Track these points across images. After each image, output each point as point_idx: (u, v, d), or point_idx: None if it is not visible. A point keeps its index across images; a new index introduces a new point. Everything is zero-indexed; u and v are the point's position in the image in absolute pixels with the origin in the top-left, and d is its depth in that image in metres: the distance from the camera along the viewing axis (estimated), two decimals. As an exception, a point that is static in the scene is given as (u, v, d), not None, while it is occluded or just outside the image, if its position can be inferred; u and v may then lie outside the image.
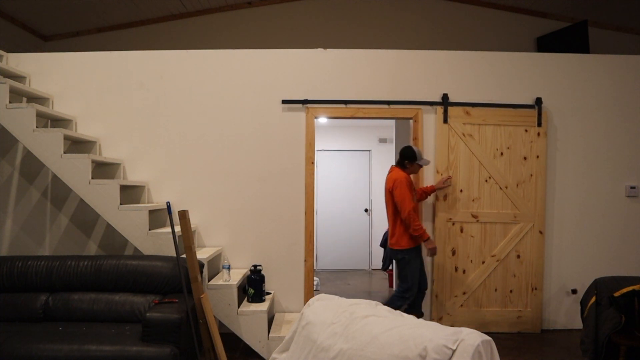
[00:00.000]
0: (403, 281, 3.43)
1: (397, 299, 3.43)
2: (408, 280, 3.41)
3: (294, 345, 2.36)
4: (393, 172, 3.49)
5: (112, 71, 3.87)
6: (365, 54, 3.93)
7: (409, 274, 3.41)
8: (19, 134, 3.26)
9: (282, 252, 3.87)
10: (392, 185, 3.38)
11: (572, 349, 3.47)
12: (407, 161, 3.49)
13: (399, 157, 3.55)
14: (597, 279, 2.91)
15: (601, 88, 4.00)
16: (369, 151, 7.05)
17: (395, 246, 3.43)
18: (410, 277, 3.40)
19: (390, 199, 3.43)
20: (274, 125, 3.88)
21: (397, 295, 3.45)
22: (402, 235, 3.40)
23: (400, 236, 3.41)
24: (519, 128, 3.89)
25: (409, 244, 3.40)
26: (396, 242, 3.43)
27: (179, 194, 3.85)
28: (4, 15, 4.67)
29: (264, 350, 3.23)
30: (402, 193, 3.32)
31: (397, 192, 3.34)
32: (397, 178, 3.38)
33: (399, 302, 3.42)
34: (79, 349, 2.48)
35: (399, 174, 3.43)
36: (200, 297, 2.80)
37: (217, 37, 5.39)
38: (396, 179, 3.38)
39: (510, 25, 5.50)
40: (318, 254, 6.93)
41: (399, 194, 3.33)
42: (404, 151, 3.52)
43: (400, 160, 3.53)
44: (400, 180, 3.36)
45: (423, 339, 1.78)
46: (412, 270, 3.41)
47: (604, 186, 3.99)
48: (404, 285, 3.42)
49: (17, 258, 3.15)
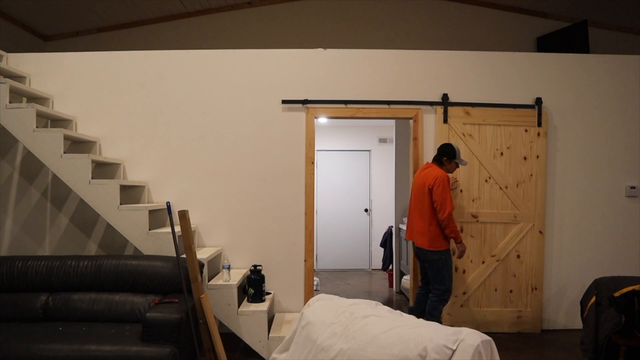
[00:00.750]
0: (441, 283, 3.29)
1: (438, 303, 3.30)
2: (446, 281, 3.29)
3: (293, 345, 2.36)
4: (431, 168, 3.33)
5: (112, 71, 3.87)
6: (366, 53, 3.93)
7: (447, 274, 3.30)
8: (19, 134, 3.26)
9: (282, 252, 3.87)
10: (434, 183, 3.19)
11: (572, 349, 3.47)
12: (445, 158, 3.36)
13: (437, 154, 3.42)
14: (597, 279, 2.91)
15: (601, 88, 4.00)
16: (369, 151, 7.06)
17: (431, 247, 3.26)
18: (447, 278, 3.30)
19: (426, 196, 3.26)
20: (274, 125, 3.88)
21: (437, 299, 3.30)
22: (438, 236, 3.26)
23: (436, 237, 3.26)
24: (519, 128, 3.89)
25: (445, 245, 3.28)
26: (431, 243, 3.26)
27: (179, 194, 3.85)
28: (4, 15, 4.67)
29: (264, 350, 3.23)
30: (444, 193, 3.17)
31: (438, 191, 3.17)
32: (439, 175, 3.20)
33: (441, 306, 3.30)
34: (79, 349, 2.48)
35: (439, 171, 3.26)
36: (200, 297, 2.80)
37: (217, 37, 5.39)
38: (437, 177, 3.20)
39: (510, 25, 5.50)
40: (318, 254, 6.93)
41: (440, 193, 3.17)
42: (443, 148, 3.37)
43: (438, 157, 3.39)
44: (443, 178, 3.20)
45: (423, 339, 1.78)
46: (450, 270, 3.31)
47: (603, 186, 3.99)
48: (442, 286, 3.29)
49: (17, 258, 3.16)
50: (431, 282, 3.36)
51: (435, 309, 3.30)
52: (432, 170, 3.31)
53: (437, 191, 3.18)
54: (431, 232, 3.26)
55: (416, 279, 3.89)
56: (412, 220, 3.45)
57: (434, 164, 3.42)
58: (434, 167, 3.37)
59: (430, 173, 3.29)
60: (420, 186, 3.34)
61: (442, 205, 3.18)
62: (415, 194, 3.41)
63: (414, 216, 3.40)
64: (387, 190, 6.96)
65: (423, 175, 3.36)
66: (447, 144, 3.40)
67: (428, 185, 3.24)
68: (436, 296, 3.32)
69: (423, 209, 3.29)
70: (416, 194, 3.38)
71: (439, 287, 3.31)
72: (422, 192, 3.29)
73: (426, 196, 3.26)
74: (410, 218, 3.48)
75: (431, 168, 3.36)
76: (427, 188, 3.25)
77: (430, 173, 3.29)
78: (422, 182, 3.31)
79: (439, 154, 3.42)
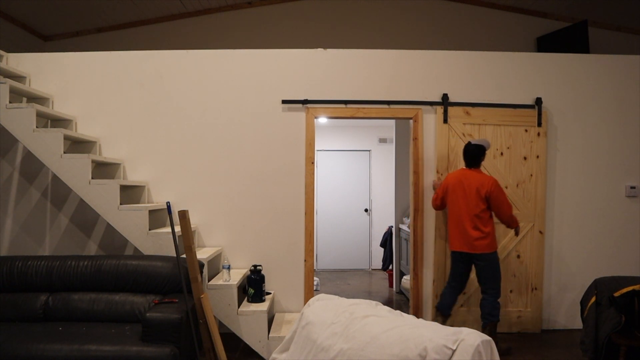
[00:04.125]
0: (497, 281, 3.35)
1: (498, 303, 3.35)
2: (499, 279, 3.37)
3: (294, 345, 2.36)
4: (477, 175, 3.36)
5: (112, 71, 3.87)
6: (366, 54, 3.93)
7: (499, 273, 3.38)
8: (19, 134, 3.26)
9: (282, 252, 3.87)
10: (490, 189, 3.27)
11: (572, 349, 3.47)
12: (482, 157, 3.43)
13: (474, 159, 3.40)
14: (597, 279, 2.91)
15: (601, 88, 4.00)
16: (369, 151, 7.06)
17: (491, 249, 3.31)
18: (499, 276, 3.38)
19: (482, 202, 3.30)
20: (274, 125, 3.88)
21: (495, 298, 3.34)
22: (494, 237, 3.35)
23: (493, 238, 3.33)
24: (518, 128, 3.89)
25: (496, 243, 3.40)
26: (490, 245, 3.30)
27: (179, 194, 3.85)
28: (4, 15, 4.67)
29: (264, 350, 3.23)
30: (503, 194, 3.31)
31: (498, 195, 3.28)
32: (493, 181, 3.30)
33: (499, 305, 3.36)
34: (79, 349, 2.48)
35: (488, 176, 3.35)
36: (200, 297, 2.80)
37: (217, 37, 5.39)
38: (493, 182, 3.29)
39: (510, 25, 5.50)
40: (318, 254, 6.93)
41: (500, 196, 3.28)
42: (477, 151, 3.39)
43: (477, 161, 3.41)
44: (497, 183, 3.32)
45: (423, 339, 1.78)
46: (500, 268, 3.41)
47: (603, 186, 4.00)
48: (498, 284, 3.36)
49: (17, 258, 3.15)
50: (486, 284, 3.37)
51: (496, 308, 3.33)
52: (480, 177, 3.34)
53: (498, 195, 3.29)
54: (490, 235, 3.32)
55: (417, 279, 3.89)
56: (461, 229, 3.36)
57: (475, 168, 3.43)
58: (478, 172, 3.39)
59: (480, 180, 3.32)
60: (472, 194, 3.32)
61: (504, 207, 3.30)
62: (465, 203, 3.34)
63: (466, 226, 3.34)
64: (387, 190, 6.96)
65: (473, 183, 3.33)
66: (475, 147, 3.40)
67: (485, 192, 3.29)
68: (493, 296, 3.35)
69: (480, 214, 3.31)
70: (467, 203, 3.33)
71: (495, 287, 3.36)
72: (478, 199, 3.31)
73: (483, 202, 3.31)
74: (459, 227, 3.38)
75: (476, 174, 3.37)
76: (483, 195, 3.30)
77: (481, 180, 3.32)
78: (475, 191, 3.31)
79: (476, 158, 3.40)
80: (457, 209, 3.38)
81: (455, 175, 3.45)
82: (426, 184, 3.90)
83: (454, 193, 3.41)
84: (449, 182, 3.46)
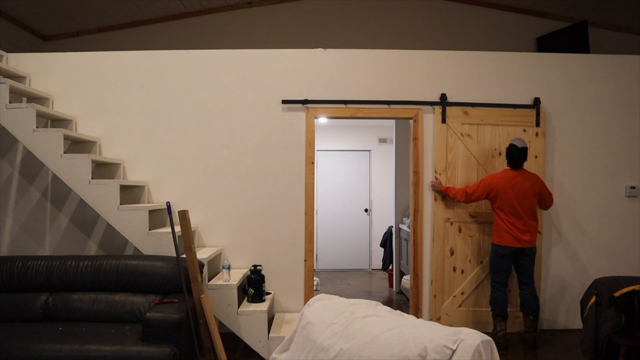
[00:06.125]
0: (533, 274, 3.53)
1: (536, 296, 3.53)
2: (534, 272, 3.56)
3: (294, 345, 2.36)
4: (527, 174, 3.50)
5: (112, 71, 3.87)
6: (365, 54, 3.93)
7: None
8: (19, 134, 3.26)
9: (282, 252, 3.87)
10: (541, 184, 3.50)
11: (572, 349, 3.47)
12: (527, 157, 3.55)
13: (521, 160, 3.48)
14: (597, 279, 2.91)
15: (601, 88, 4.00)
16: (369, 151, 7.06)
17: (535, 243, 3.50)
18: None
19: (535, 198, 3.48)
20: (274, 125, 3.88)
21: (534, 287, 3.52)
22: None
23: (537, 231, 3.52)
24: (517, 128, 3.89)
25: None
26: (536, 238, 3.51)
27: (179, 194, 3.85)
28: (4, 15, 4.67)
29: (264, 350, 3.23)
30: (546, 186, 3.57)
31: (546, 188, 3.53)
32: (539, 177, 3.54)
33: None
34: (79, 349, 2.48)
35: (535, 175, 3.53)
36: (200, 297, 2.80)
37: (217, 37, 5.39)
38: (540, 178, 3.53)
39: (510, 25, 5.50)
40: (318, 254, 6.93)
41: (547, 189, 3.53)
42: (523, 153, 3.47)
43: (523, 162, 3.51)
44: (542, 179, 3.57)
45: (423, 339, 1.78)
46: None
47: (603, 186, 4.00)
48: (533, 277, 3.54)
49: (17, 258, 3.16)
50: (530, 277, 3.52)
51: (535, 299, 3.50)
52: (529, 176, 3.50)
53: (546, 188, 3.54)
54: (537, 229, 3.52)
55: (417, 279, 3.89)
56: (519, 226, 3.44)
57: (522, 168, 3.53)
58: (526, 172, 3.53)
59: (531, 179, 3.48)
60: (528, 193, 3.45)
61: (551, 194, 3.58)
62: (518, 203, 3.43)
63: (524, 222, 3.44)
64: (387, 190, 6.96)
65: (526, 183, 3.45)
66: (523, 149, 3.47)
67: (537, 189, 3.49)
68: (535, 288, 3.54)
69: (533, 210, 3.49)
70: (521, 202, 3.44)
71: (533, 280, 3.53)
72: (533, 196, 3.47)
73: (536, 198, 3.50)
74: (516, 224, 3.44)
75: (526, 174, 3.51)
76: (537, 192, 3.49)
77: (531, 179, 3.49)
78: (530, 189, 3.45)
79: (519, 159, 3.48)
80: (510, 209, 3.45)
81: (503, 177, 3.51)
82: (426, 183, 3.90)
83: (505, 194, 3.47)
84: (497, 184, 3.49)
